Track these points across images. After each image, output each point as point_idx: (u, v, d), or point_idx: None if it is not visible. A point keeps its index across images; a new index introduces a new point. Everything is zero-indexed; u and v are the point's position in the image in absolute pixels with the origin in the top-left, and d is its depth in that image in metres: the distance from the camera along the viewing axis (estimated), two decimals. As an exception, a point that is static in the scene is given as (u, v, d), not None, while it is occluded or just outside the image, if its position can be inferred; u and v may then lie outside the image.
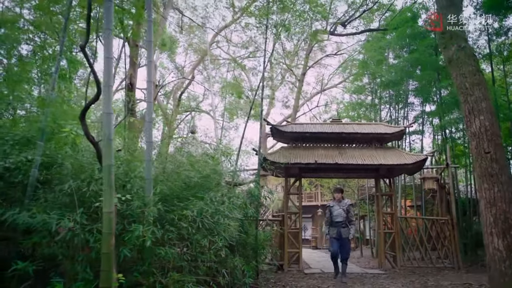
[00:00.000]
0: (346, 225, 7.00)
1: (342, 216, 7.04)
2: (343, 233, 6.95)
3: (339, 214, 7.07)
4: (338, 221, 7.03)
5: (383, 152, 9.39)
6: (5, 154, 4.67)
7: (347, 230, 6.99)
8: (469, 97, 4.39)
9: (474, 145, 4.51)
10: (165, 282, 3.85)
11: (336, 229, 7.00)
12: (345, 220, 7.02)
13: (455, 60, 4.56)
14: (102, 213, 3.95)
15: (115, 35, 13.45)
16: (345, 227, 6.98)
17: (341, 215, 7.05)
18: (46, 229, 3.70)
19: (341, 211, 7.09)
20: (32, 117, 6.05)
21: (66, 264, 3.67)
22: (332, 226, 7.11)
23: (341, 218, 7.02)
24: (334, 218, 7.10)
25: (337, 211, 7.12)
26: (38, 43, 9.07)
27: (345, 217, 7.04)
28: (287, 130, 9.54)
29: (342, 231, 6.95)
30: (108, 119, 3.28)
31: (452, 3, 5.43)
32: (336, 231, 7.00)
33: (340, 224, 6.99)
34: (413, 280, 7.11)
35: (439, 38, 5.18)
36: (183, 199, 4.98)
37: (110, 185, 3.19)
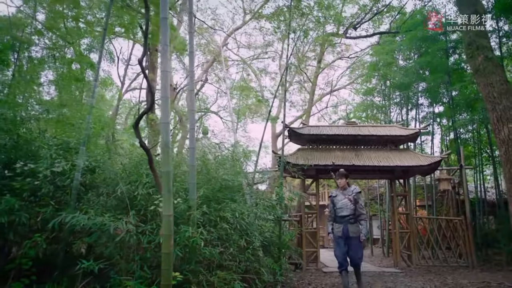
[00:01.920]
0: (354, 220, 5.39)
1: (348, 208, 5.42)
2: (351, 231, 5.33)
3: (344, 206, 5.45)
4: (343, 215, 5.41)
5: (398, 153, 9.63)
6: (51, 159, 4.95)
7: (357, 227, 5.36)
8: (497, 105, 4.60)
9: (503, 151, 4.73)
10: (212, 280, 4.09)
11: (342, 226, 5.37)
12: (353, 213, 5.38)
13: (482, 70, 4.78)
14: (152, 215, 4.25)
15: (134, 40, 13.74)
16: (353, 223, 5.36)
17: (347, 207, 5.43)
18: (102, 231, 3.97)
19: (346, 202, 5.46)
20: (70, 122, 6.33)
21: (121, 263, 3.92)
22: (337, 222, 5.50)
23: (348, 211, 5.40)
24: (338, 212, 5.49)
25: (342, 201, 5.49)
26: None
27: (352, 209, 5.39)
28: (304, 132, 9.78)
29: (350, 228, 5.34)
30: (165, 128, 3.52)
31: (472, 4, 5.59)
32: (341, 228, 5.37)
33: (347, 219, 5.38)
34: (432, 279, 7.34)
35: (465, 49, 5.39)
36: (218, 201, 5.23)
37: (169, 190, 3.44)
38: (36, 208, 4.53)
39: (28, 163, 4.68)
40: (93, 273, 3.87)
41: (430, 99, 13.70)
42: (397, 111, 15.75)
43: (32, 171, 4.66)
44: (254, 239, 4.88)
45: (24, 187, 4.58)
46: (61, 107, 6.99)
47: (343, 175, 5.76)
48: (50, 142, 5.32)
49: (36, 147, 5.30)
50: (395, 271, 8.56)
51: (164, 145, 3.49)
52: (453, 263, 9.30)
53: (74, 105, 8.16)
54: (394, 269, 8.84)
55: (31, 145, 5.41)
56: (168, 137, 3.49)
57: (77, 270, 3.64)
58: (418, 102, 13.80)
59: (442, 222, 9.68)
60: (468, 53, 5.14)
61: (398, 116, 15.54)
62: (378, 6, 13.98)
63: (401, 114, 14.71)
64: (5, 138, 5.12)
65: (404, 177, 9.96)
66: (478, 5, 5.16)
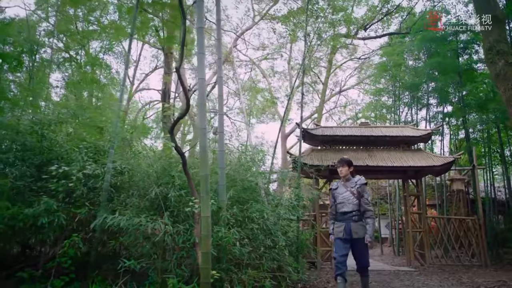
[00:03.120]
0: (359, 218, 4.32)
1: (351, 203, 4.36)
2: (355, 231, 4.26)
3: (346, 200, 4.41)
4: (345, 211, 4.38)
5: (411, 154, 9.75)
6: (83, 162, 5.14)
7: (362, 226, 4.28)
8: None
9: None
10: (243, 278, 4.26)
11: (344, 225, 4.33)
12: (356, 209, 4.33)
13: (502, 75, 4.90)
14: (185, 215, 4.43)
15: (150, 44, 13.97)
16: (357, 221, 4.30)
17: (349, 202, 4.38)
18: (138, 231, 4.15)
19: (348, 196, 4.40)
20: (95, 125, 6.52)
21: (158, 262, 4.09)
22: (338, 221, 4.48)
23: (351, 207, 4.35)
24: (339, 207, 4.47)
25: (343, 195, 4.46)
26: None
27: (356, 204, 4.34)
28: (318, 133, 9.93)
29: (354, 228, 4.27)
30: (203, 133, 3.69)
31: (491, 9, 5.68)
32: (343, 227, 4.33)
33: (350, 216, 4.34)
34: (447, 277, 7.48)
35: (485, 54, 5.50)
36: (243, 202, 5.40)
37: (207, 192, 3.61)
38: (71, 209, 4.72)
39: (62, 166, 4.86)
40: (131, 271, 4.06)
41: (439, 99, 13.79)
42: (406, 111, 15.90)
43: (66, 174, 4.86)
44: (279, 238, 5.04)
45: (58, 188, 4.77)
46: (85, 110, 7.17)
47: (345, 162, 4.55)
48: (80, 145, 5.50)
49: (67, 150, 5.49)
50: (410, 269, 8.70)
51: (202, 150, 3.65)
52: (466, 262, 9.42)
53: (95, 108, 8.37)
54: (408, 268, 8.99)
55: (61, 148, 5.60)
56: (206, 142, 3.66)
57: (119, 268, 3.81)
58: (427, 102, 13.90)
59: (455, 221, 9.80)
60: (488, 58, 5.25)
61: (406, 116, 15.68)
62: (387, 7, 14.07)
63: (411, 114, 14.82)
64: (38, 141, 5.31)
65: (417, 177, 10.09)
66: (498, 11, 5.27)
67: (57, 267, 4.34)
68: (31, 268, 4.25)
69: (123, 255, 4.60)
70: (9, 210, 4.14)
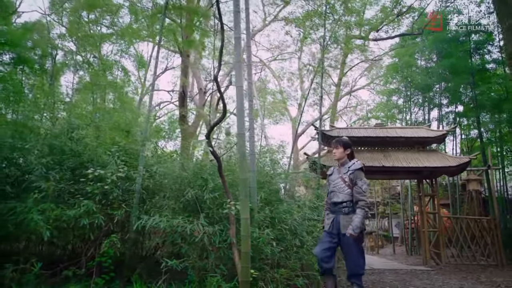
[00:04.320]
0: (351, 210, 3.61)
1: (342, 193, 3.69)
2: (344, 225, 3.57)
3: (337, 189, 3.74)
4: (335, 201, 3.73)
5: (426, 155, 9.87)
6: (116, 165, 5.35)
7: (349, 221, 3.53)
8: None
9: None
10: (276, 277, 4.44)
11: (333, 217, 3.71)
12: (348, 199, 3.63)
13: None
14: (220, 217, 4.62)
15: (169, 49, 14.20)
16: (348, 213, 3.60)
17: (339, 190, 3.71)
18: (175, 231, 4.35)
19: (339, 183, 3.73)
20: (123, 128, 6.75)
21: (196, 262, 4.28)
22: (331, 212, 3.81)
23: (341, 196, 3.68)
24: (331, 197, 3.82)
25: (335, 182, 3.80)
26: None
27: (348, 193, 3.64)
28: (333, 134, 10.06)
29: (343, 222, 3.59)
30: (241, 139, 3.88)
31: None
32: (331, 220, 3.71)
33: (340, 207, 3.68)
34: (465, 277, 7.60)
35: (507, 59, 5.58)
36: (271, 203, 5.58)
37: (246, 195, 3.79)
38: (108, 211, 4.93)
39: (97, 169, 5.07)
40: (169, 270, 4.26)
41: (451, 99, 13.87)
42: (416, 111, 15.98)
43: (101, 177, 5.06)
44: (306, 238, 5.21)
45: (94, 191, 4.97)
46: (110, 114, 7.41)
47: (340, 142, 3.83)
48: (112, 148, 5.71)
49: (99, 153, 5.70)
50: (426, 269, 8.83)
51: (241, 155, 3.84)
52: (482, 262, 9.52)
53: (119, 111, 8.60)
54: (424, 267, 9.11)
55: (93, 152, 5.81)
56: (245, 148, 3.84)
57: (162, 268, 4.00)
58: (440, 103, 13.99)
59: (471, 221, 9.90)
60: (510, 63, 5.36)
61: (417, 116, 15.77)
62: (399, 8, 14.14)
63: (423, 114, 14.90)
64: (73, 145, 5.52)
65: (431, 177, 10.20)
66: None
67: (98, 266, 4.56)
68: (75, 267, 4.46)
69: (159, 255, 4.81)
70: (54, 212, 4.35)
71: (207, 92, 12.74)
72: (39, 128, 5.93)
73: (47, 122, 6.07)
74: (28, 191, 4.85)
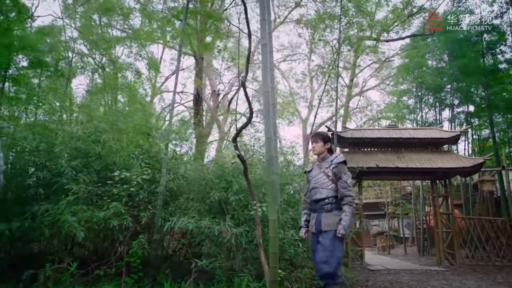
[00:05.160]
0: (334, 207, 3.30)
1: (325, 188, 3.38)
2: (326, 223, 3.25)
3: (319, 185, 3.43)
4: (317, 198, 3.41)
5: (440, 155, 9.90)
6: (140, 168, 5.49)
7: (336, 217, 3.24)
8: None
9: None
10: (300, 276, 4.56)
11: (316, 216, 3.38)
12: (332, 195, 3.33)
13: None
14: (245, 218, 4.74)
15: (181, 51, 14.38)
16: (330, 210, 3.29)
17: (322, 186, 3.40)
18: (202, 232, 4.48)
19: (322, 179, 3.43)
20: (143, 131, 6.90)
21: (223, 262, 4.41)
22: (312, 211, 3.49)
23: (324, 193, 3.37)
24: (312, 194, 3.50)
25: (316, 178, 3.48)
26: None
27: (332, 188, 3.34)
28: (346, 136, 10.15)
29: (325, 219, 3.27)
30: (269, 143, 3.99)
31: None
32: (315, 219, 3.38)
33: (322, 204, 3.36)
34: (481, 277, 7.63)
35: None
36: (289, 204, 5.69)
37: (273, 198, 3.90)
38: (134, 212, 5.08)
39: (123, 172, 5.22)
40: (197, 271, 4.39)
41: (463, 100, 13.86)
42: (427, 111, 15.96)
43: (126, 179, 5.21)
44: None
45: (121, 193, 5.12)
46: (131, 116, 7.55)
47: (319, 136, 3.60)
48: (136, 151, 5.86)
49: (123, 156, 5.85)
50: (441, 269, 8.86)
51: (269, 158, 3.95)
52: (497, 263, 9.52)
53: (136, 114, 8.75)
54: (439, 268, 9.15)
55: (117, 154, 5.96)
56: (272, 152, 3.95)
57: (193, 267, 4.14)
58: (452, 103, 13.98)
59: (485, 222, 9.91)
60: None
61: (428, 117, 15.76)
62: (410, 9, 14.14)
63: (435, 114, 14.90)
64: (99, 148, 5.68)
65: (445, 178, 10.22)
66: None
67: (126, 266, 4.71)
68: (105, 267, 4.61)
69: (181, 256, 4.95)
70: (85, 213, 4.50)
71: (220, 94, 12.89)
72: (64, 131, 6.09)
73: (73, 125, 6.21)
74: (58, 193, 5.03)
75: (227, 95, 13.97)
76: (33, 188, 4.72)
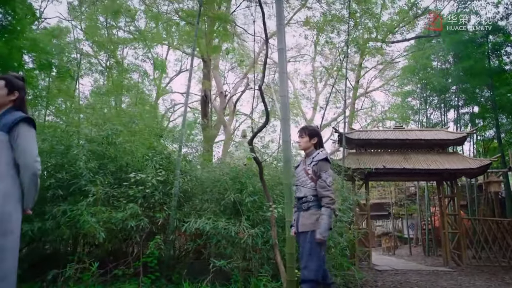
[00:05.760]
0: (311, 206, 3.16)
1: (305, 186, 3.25)
2: (302, 222, 3.16)
3: (300, 183, 3.34)
4: (298, 196, 3.32)
5: (446, 157, 9.97)
6: (155, 169, 5.58)
7: (312, 216, 3.10)
8: None
9: None
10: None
11: (297, 215, 3.29)
12: (311, 194, 3.18)
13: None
14: (260, 219, 4.82)
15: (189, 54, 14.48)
16: (307, 209, 3.17)
17: (303, 184, 3.29)
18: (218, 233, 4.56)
19: (302, 176, 3.32)
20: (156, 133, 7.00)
21: (240, 262, 4.49)
22: (296, 209, 3.37)
23: (303, 191, 3.25)
24: (295, 192, 3.45)
25: (298, 175, 3.40)
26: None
27: (311, 187, 3.19)
28: (353, 137, 10.23)
29: (302, 219, 3.18)
30: (286, 146, 4.07)
31: None
32: (295, 219, 3.30)
33: (301, 202, 3.26)
34: (489, 278, 7.69)
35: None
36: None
37: (290, 199, 3.98)
38: (150, 213, 5.17)
39: (138, 173, 5.31)
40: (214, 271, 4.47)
41: (469, 101, 13.92)
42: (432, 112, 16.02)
43: (142, 180, 5.29)
44: (339, 239, 5.40)
45: (136, 194, 5.21)
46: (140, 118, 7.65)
47: (305, 130, 3.41)
48: (150, 153, 5.95)
49: (138, 158, 5.94)
50: (448, 270, 8.93)
51: (286, 161, 4.03)
52: (503, 263, 9.57)
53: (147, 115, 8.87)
54: (446, 268, 9.21)
55: (131, 156, 6.06)
56: (288, 154, 4.04)
57: (211, 267, 4.22)
58: (457, 104, 14.04)
59: (492, 223, 9.97)
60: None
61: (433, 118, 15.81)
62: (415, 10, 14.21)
63: (440, 115, 14.95)
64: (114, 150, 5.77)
65: (451, 179, 10.28)
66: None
67: (143, 265, 4.79)
68: (123, 267, 4.70)
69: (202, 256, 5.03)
70: (104, 214, 4.59)
71: (227, 96, 12.98)
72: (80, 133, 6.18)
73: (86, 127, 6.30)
74: (75, 195, 5.12)
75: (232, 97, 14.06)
76: (53, 189, 4.79)
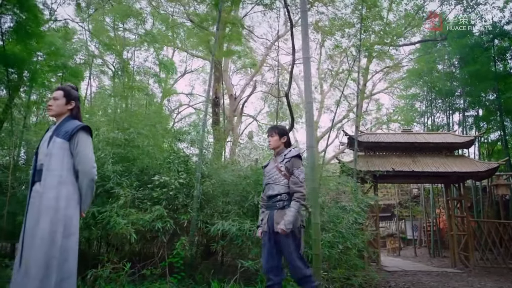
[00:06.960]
0: (287, 204, 3.14)
1: (278, 183, 3.23)
2: (277, 221, 3.10)
3: (272, 180, 3.30)
4: (270, 194, 3.27)
5: (453, 159, 10.14)
6: (177, 172, 5.75)
7: (283, 215, 3.07)
8: None
9: None
10: (335, 276, 4.81)
11: (269, 214, 3.24)
12: (285, 191, 3.18)
13: None
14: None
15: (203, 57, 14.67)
16: (283, 207, 3.14)
17: (275, 181, 3.26)
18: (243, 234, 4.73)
19: (275, 174, 3.29)
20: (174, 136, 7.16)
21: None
22: (266, 208, 3.34)
23: (276, 188, 3.23)
24: (266, 190, 3.38)
25: (270, 173, 3.35)
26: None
27: (284, 184, 3.19)
28: (362, 140, 10.38)
29: (276, 217, 3.13)
30: (311, 152, 4.24)
31: None
32: (266, 217, 3.24)
33: (274, 201, 3.23)
34: (498, 279, 7.86)
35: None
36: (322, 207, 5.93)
37: (316, 203, 4.15)
38: (174, 215, 5.32)
39: (162, 176, 5.47)
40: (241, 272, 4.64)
41: (474, 104, 14.11)
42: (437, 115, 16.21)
43: (165, 183, 5.45)
44: (356, 241, 5.56)
45: (160, 196, 5.36)
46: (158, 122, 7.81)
47: (275, 129, 3.42)
48: (171, 156, 6.11)
49: (160, 160, 6.10)
50: (457, 271, 9.09)
51: (311, 165, 4.20)
52: (511, 265, 9.73)
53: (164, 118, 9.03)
54: (453, 269, 9.38)
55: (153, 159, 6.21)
56: (314, 159, 4.20)
57: (240, 268, 4.38)
58: (463, 107, 14.22)
59: (499, 225, 10.13)
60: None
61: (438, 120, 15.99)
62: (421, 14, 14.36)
63: (444, 118, 15.14)
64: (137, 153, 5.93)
65: (459, 182, 10.45)
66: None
67: (169, 266, 4.95)
68: (150, 267, 4.87)
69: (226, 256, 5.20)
70: (133, 216, 4.75)
71: (236, 98, 13.14)
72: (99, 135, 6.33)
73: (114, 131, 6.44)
74: (102, 197, 5.29)
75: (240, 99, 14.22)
76: (83, 191, 4.94)
